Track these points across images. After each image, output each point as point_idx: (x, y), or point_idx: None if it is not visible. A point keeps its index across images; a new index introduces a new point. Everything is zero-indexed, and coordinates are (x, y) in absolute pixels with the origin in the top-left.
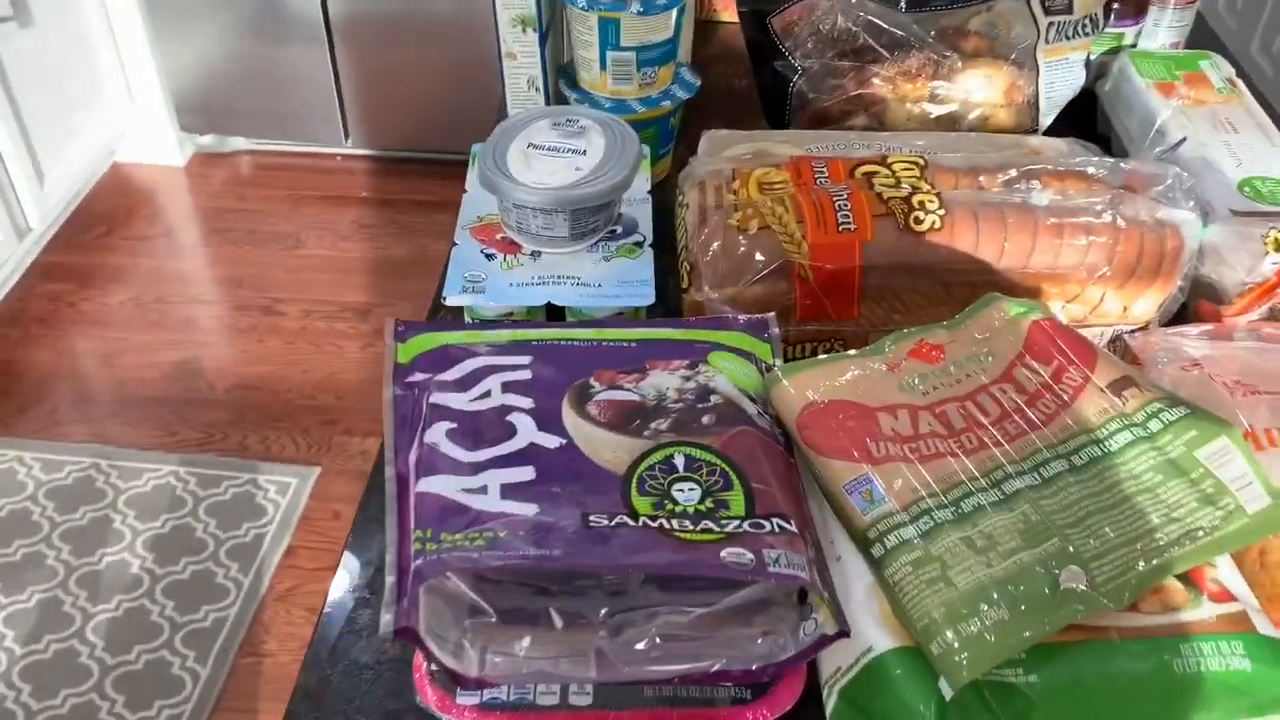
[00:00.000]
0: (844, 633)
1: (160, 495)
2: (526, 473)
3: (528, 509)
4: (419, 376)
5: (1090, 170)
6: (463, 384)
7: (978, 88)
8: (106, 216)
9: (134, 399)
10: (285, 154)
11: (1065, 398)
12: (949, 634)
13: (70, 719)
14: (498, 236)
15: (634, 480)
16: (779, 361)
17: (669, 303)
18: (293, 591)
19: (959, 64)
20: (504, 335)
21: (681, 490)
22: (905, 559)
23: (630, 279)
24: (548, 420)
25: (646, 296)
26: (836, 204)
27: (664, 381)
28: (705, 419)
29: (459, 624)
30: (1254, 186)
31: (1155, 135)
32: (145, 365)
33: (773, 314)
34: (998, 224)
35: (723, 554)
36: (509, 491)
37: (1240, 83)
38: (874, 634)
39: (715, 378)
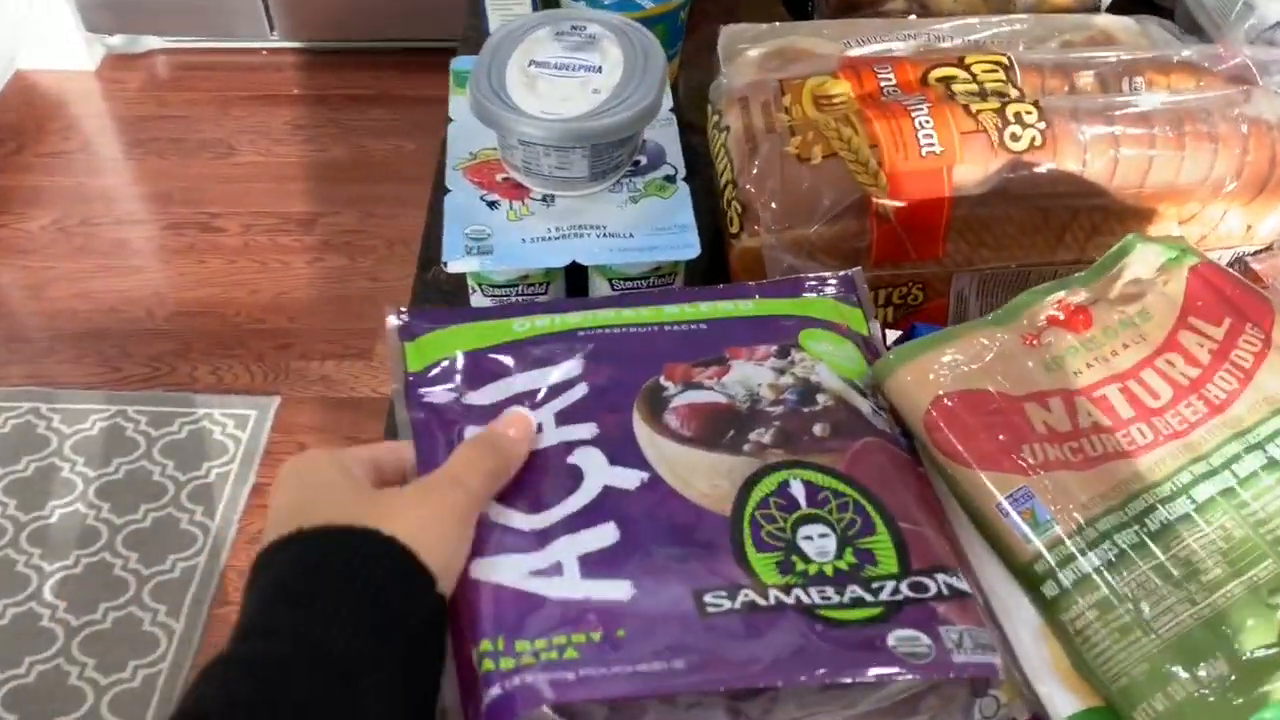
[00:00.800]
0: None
1: (109, 438)
2: (607, 533)
3: (619, 590)
4: (442, 394)
5: (1188, 56)
6: (500, 408)
7: None
8: (15, 131)
9: (69, 334)
10: (205, 51)
11: (1245, 368)
12: (1157, 700)
13: (38, 688)
14: (498, 178)
15: (746, 526)
16: (874, 326)
17: (714, 251)
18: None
19: None
20: (537, 326)
21: (811, 539)
22: (1088, 600)
23: (666, 224)
24: (619, 447)
25: (690, 246)
26: (917, 121)
27: (752, 375)
28: (817, 428)
29: None
30: None
31: (1242, 9)
32: (77, 296)
33: (859, 269)
34: (1107, 136)
35: (891, 641)
36: (590, 566)
37: None
38: (1049, 693)
39: (816, 368)
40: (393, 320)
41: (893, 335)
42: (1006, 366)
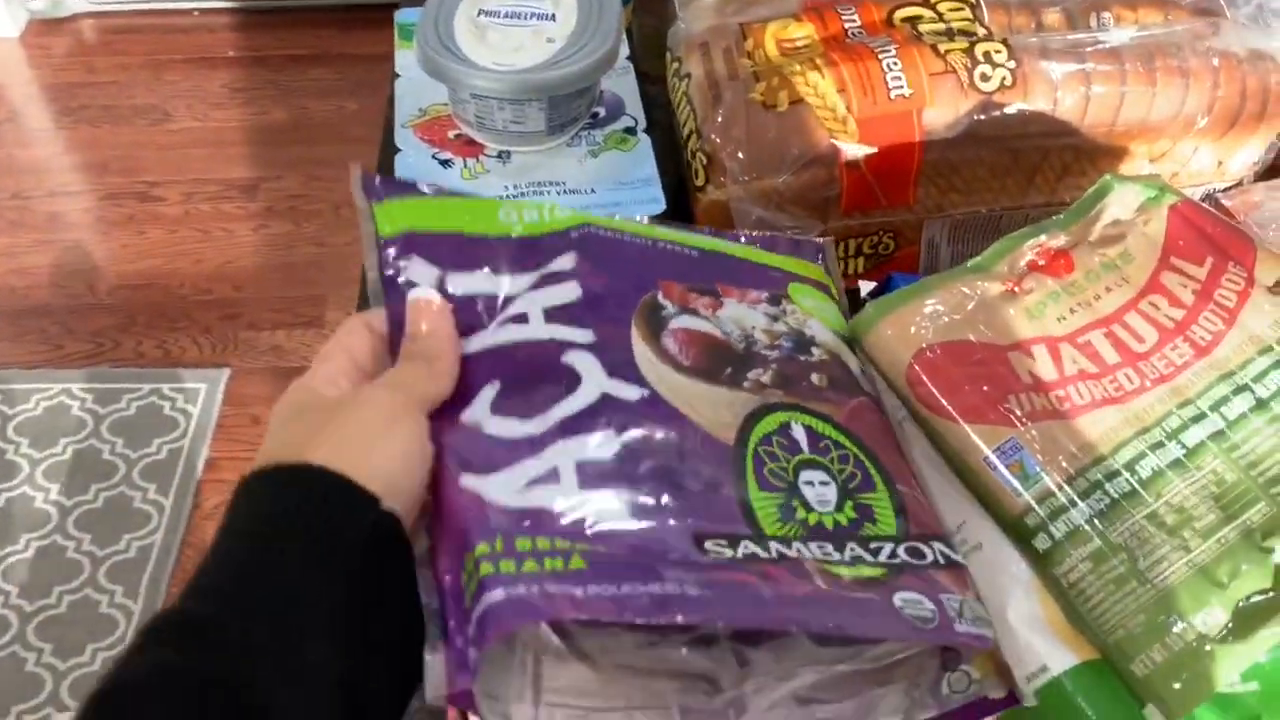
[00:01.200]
0: (1014, 699)
1: (55, 417)
2: (607, 441)
3: (619, 505)
4: (420, 266)
5: None
6: (487, 305)
7: None
8: None
9: (6, 312)
10: (134, 14)
11: (1229, 307)
12: (1155, 651)
13: None
14: (450, 135)
15: (749, 460)
16: (842, 302)
17: (678, 206)
18: (220, 508)
19: None
20: (525, 220)
21: (812, 485)
22: (1081, 552)
23: (628, 179)
24: (617, 359)
25: (655, 201)
26: (885, 64)
27: (745, 317)
28: (814, 377)
29: (521, 672)
30: None
31: None
32: (13, 272)
33: (830, 240)
34: (1078, 73)
35: (897, 601)
36: (588, 476)
37: None
38: (1044, 648)
39: (809, 323)
40: (358, 178)
41: (867, 286)
42: (988, 315)
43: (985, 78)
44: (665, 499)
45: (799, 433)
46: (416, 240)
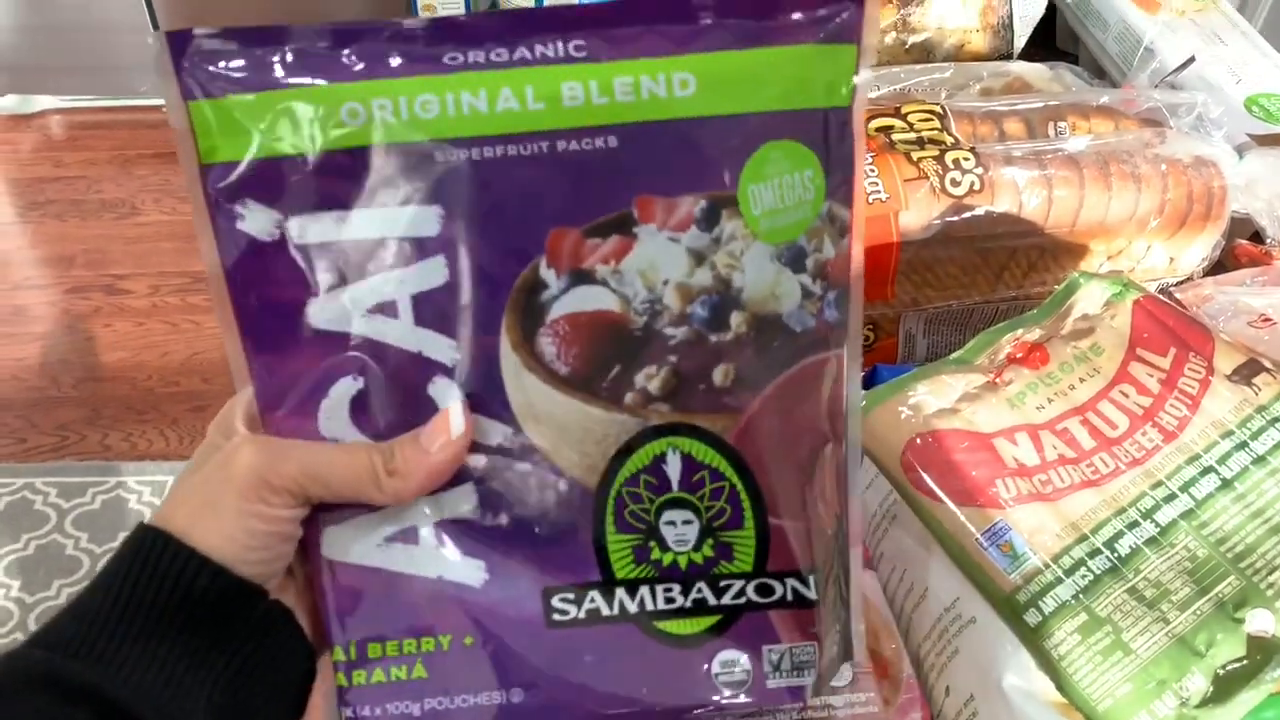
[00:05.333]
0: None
1: (17, 512)
2: (465, 497)
3: (473, 573)
4: (259, 219)
5: (1105, 101)
6: (342, 258)
7: (952, 11)
8: None
9: None
10: (103, 110)
11: (1192, 395)
12: (1142, 718)
13: None
14: None
15: (610, 503)
16: (863, 74)
17: None
18: None
19: None
20: (376, 120)
21: (674, 524)
22: (1069, 626)
23: None
24: (480, 386)
25: None
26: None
27: (660, 261)
28: (718, 372)
29: None
30: (1261, 105)
31: (1144, 54)
32: None
33: None
34: (1040, 178)
35: (714, 666)
36: (445, 535)
37: None
38: (1038, 717)
39: (746, 255)
40: (162, 48)
41: None
42: (973, 405)
43: (955, 183)
44: (519, 556)
45: (673, 467)
46: (251, 171)
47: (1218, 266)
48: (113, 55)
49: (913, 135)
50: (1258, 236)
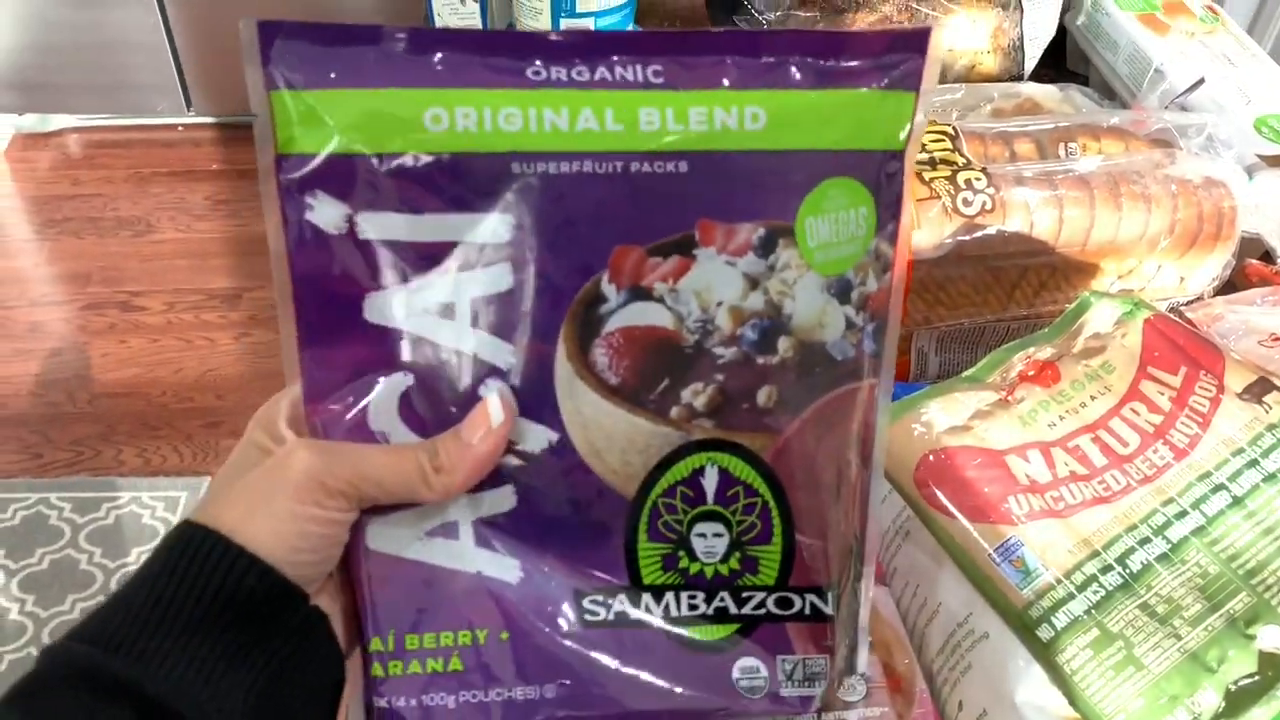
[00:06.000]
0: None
1: (32, 527)
2: (504, 498)
3: (509, 570)
4: (329, 211)
5: (1115, 122)
6: (404, 257)
7: (963, 33)
8: None
9: None
10: (119, 129)
11: (1203, 413)
12: None
13: None
14: None
15: (645, 514)
16: (919, 118)
17: None
18: None
19: (940, 7)
20: (457, 129)
21: (704, 537)
22: (1081, 641)
23: None
24: (533, 393)
25: None
26: None
27: (715, 283)
28: (762, 394)
29: None
30: (1270, 126)
31: (1154, 76)
32: None
33: (935, 27)
34: (1051, 199)
35: (735, 672)
36: (484, 533)
37: (1220, 9)
38: None
39: (799, 284)
40: (251, 37)
41: None
42: (985, 422)
43: (967, 203)
44: (553, 557)
45: (710, 480)
46: (327, 165)
47: (1228, 286)
48: (130, 75)
49: (925, 155)
50: (1268, 256)
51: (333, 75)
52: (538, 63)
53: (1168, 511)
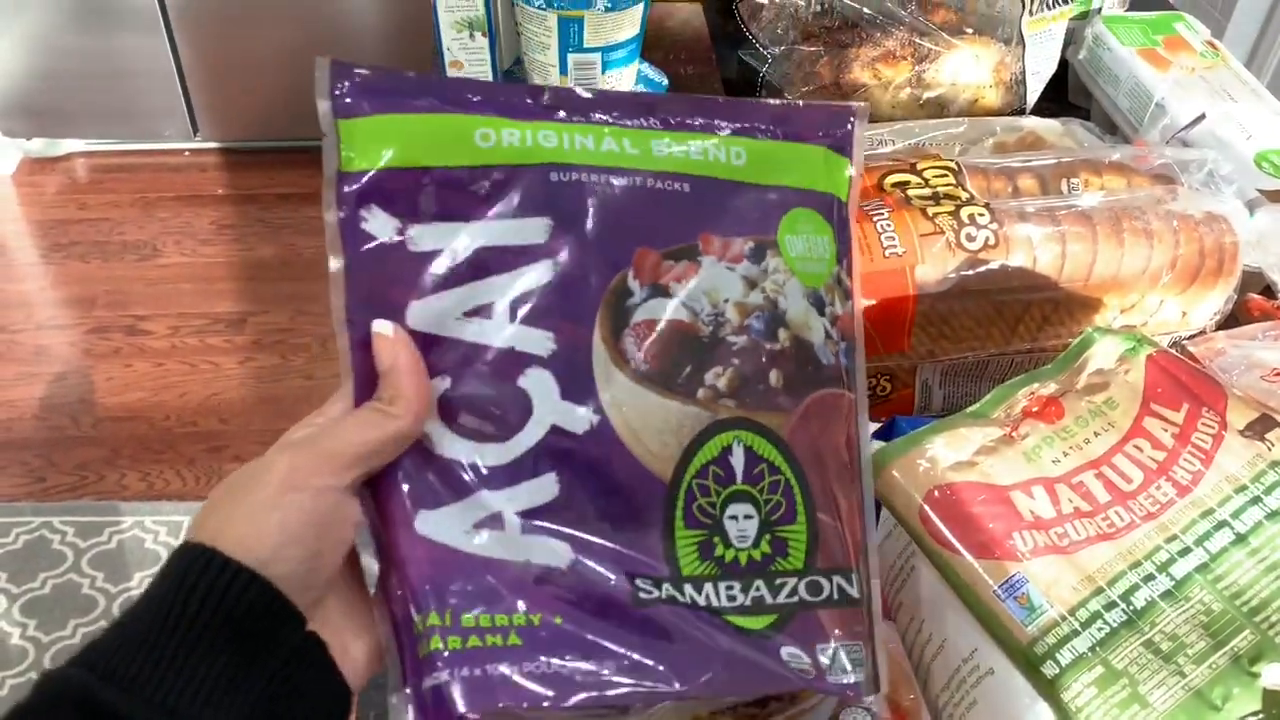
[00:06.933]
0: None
1: (35, 551)
2: (547, 486)
3: (559, 554)
4: (382, 223)
5: (1117, 158)
6: (452, 262)
7: (966, 68)
8: None
9: None
10: (126, 154)
11: (1206, 449)
12: None
13: None
14: None
15: (681, 498)
16: (854, 174)
17: None
18: None
19: (943, 43)
20: (504, 144)
21: (736, 519)
22: (1086, 678)
23: None
24: (573, 374)
25: None
26: (879, 225)
27: (720, 285)
28: (773, 376)
29: None
30: (1271, 161)
31: (1155, 110)
32: None
33: (863, 107)
34: (1054, 234)
35: (784, 655)
36: (531, 520)
37: (1220, 45)
38: None
39: (786, 286)
40: (324, 74)
41: (871, 427)
42: (990, 458)
43: (970, 238)
44: (601, 540)
45: (738, 458)
46: (382, 180)
47: (1230, 320)
48: (137, 100)
49: (928, 190)
50: (1269, 291)
51: (392, 105)
52: (564, 111)
53: (1171, 548)
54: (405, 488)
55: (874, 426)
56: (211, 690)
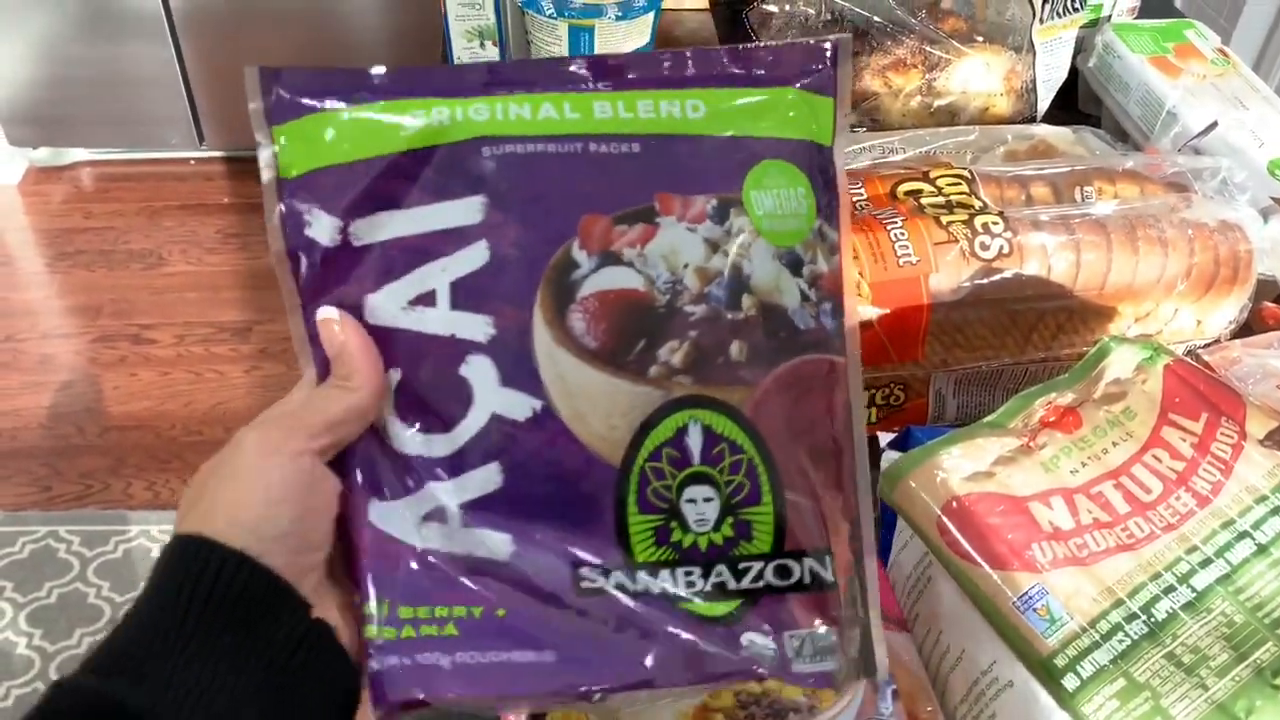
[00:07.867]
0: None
1: (40, 560)
2: (490, 477)
3: (500, 546)
4: (324, 225)
5: (1130, 166)
6: (393, 250)
7: (976, 76)
8: None
9: None
10: (132, 162)
11: (1225, 459)
12: None
13: None
14: None
15: (633, 482)
16: (841, 120)
17: None
18: None
19: (953, 51)
20: (433, 123)
21: (694, 502)
22: (1107, 691)
23: None
24: (513, 360)
25: None
26: (892, 234)
27: (679, 248)
28: (734, 347)
29: None
30: None
31: (1167, 118)
32: (2, 414)
33: (844, 38)
34: (1068, 243)
35: (744, 640)
36: (472, 513)
37: (1231, 52)
38: None
39: (752, 248)
40: (253, 82)
41: (885, 437)
42: (1008, 468)
43: (984, 247)
44: (545, 530)
45: (694, 438)
46: (320, 180)
47: (1244, 329)
48: (143, 109)
49: (941, 199)
50: None
51: (323, 104)
52: (501, 86)
53: (1192, 559)
54: (359, 478)
55: (889, 436)
56: (215, 674)
